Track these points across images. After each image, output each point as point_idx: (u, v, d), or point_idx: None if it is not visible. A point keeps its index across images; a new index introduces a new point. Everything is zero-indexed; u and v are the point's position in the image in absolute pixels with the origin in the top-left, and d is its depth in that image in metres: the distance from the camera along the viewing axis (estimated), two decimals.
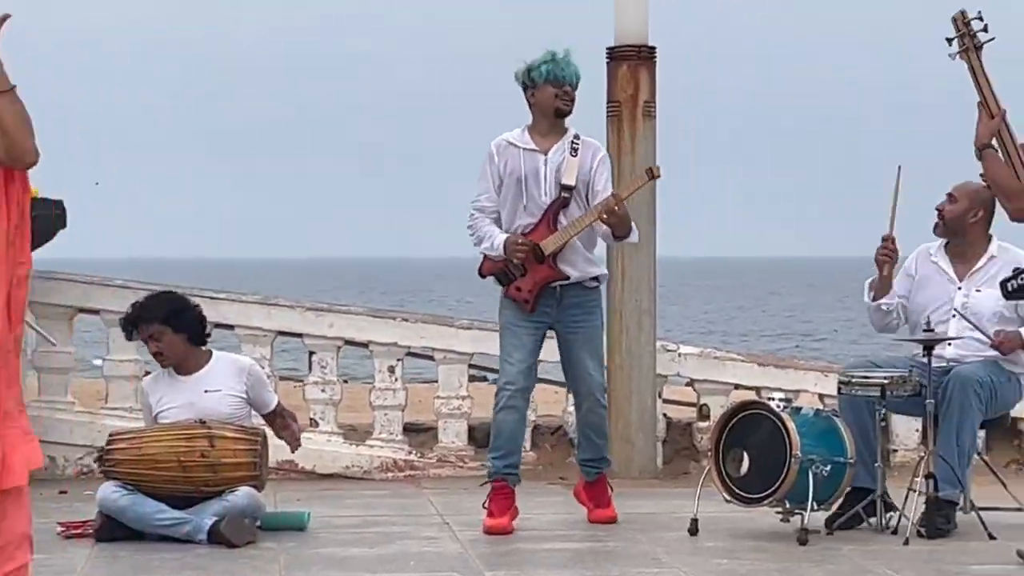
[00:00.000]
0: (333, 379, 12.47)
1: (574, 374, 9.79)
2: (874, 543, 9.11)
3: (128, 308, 9.94)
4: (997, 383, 9.49)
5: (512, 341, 9.60)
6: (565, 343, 9.70)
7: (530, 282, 9.47)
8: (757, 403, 9.56)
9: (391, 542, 9.32)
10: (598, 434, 9.83)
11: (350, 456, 12.29)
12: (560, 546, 9.24)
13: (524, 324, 9.58)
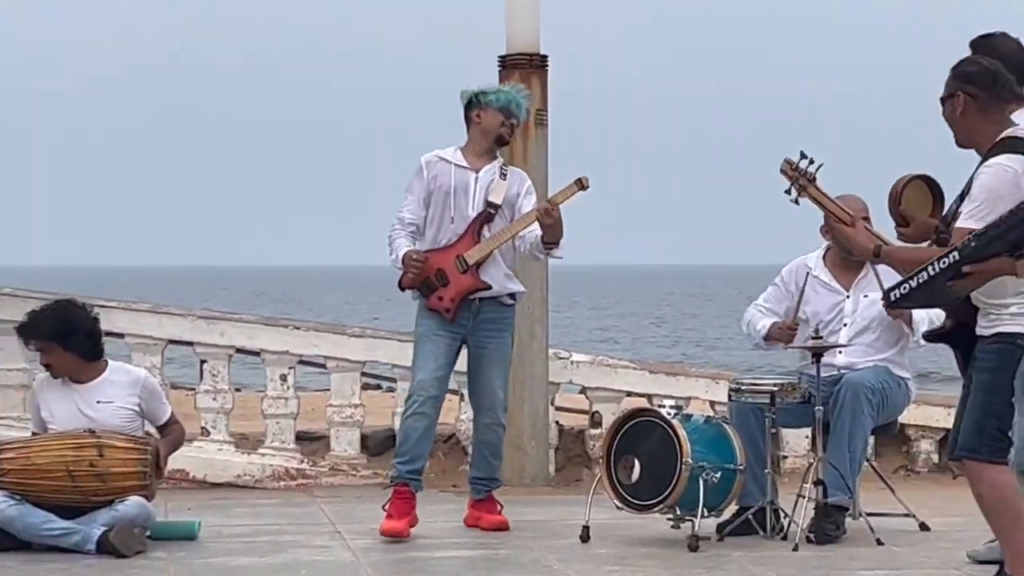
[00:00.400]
0: (225, 387, 12.44)
1: (478, 389, 9.87)
2: (764, 549, 9.17)
3: (24, 316, 9.89)
4: (888, 389, 9.60)
5: (429, 349, 9.67)
6: (475, 357, 9.78)
7: (452, 291, 9.58)
8: (648, 410, 9.59)
9: (282, 551, 9.30)
10: (493, 454, 9.92)
11: (242, 465, 12.26)
12: (452, 554, 9.25)
13: (442, 334, 9.66)
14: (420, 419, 9.61)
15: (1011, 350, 7.12)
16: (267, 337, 12.58)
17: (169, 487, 11.04)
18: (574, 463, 12.39)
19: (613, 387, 12.51)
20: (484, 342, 9.73)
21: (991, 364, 7.25)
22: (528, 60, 12.04)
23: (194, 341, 12.55)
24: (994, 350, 7.25)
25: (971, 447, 7.35)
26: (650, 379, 12.56)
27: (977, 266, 6.41)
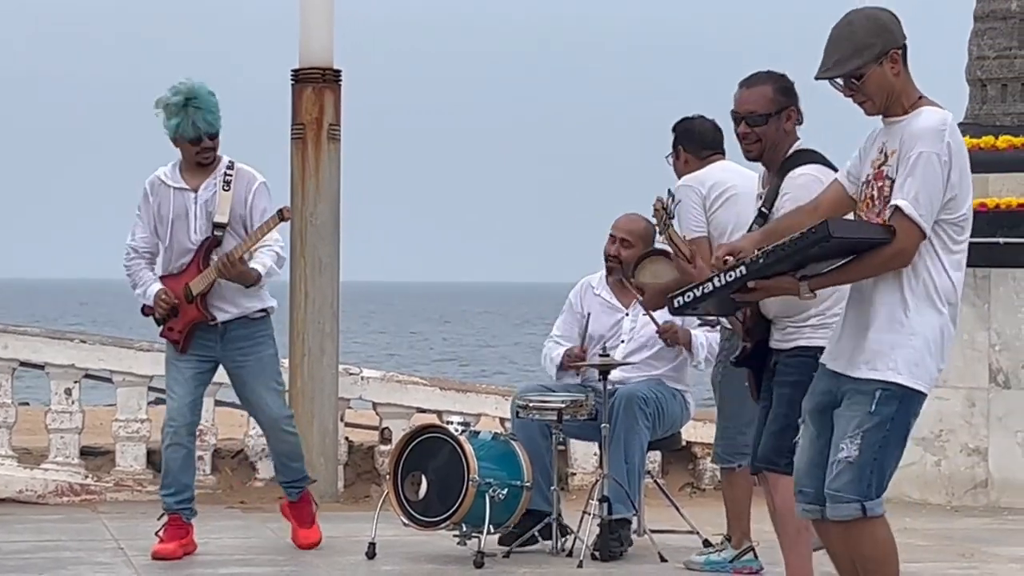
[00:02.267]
0: (8, 401, 12.27)
1: (252, 407, 9.85)
2: (548, 565, 9.23)
3: None
4: (662, 400, 9.69)
5: (175, 376, 9.53)
6: (236, 377, 9.65)
7: (181, 323, 9.40)
8: (436, 427, 9.62)
9: (63, 567, 9.20)
10: (292, 458, 9.83)
11: (24, 480, 12.10)
12: (237, 571, 9.21)
13: (184, 360, 9.51)
14: (177, 450, 9.48)
15: (811, 363, 7.23)
16: (52, 351, 12.42)
17: None
18: (363, 479, 12.38)
19: (403, 403, 12.51)
20: (240, 361, 9.55)
21: (792, 378, 7.36)
22: (321, 74, 12.04)
23: None
24: (795, 363, 7.37)
25: (769, 459, 7.48)
26: (440, 396, 12.59)
27: (762, 283, 6.50)
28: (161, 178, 9.44)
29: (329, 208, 11.70)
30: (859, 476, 6.31)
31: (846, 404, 6.39)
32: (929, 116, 6.31)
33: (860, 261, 6.32)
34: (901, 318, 6.31)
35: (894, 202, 6.25)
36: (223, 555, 9.61)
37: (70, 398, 12.27)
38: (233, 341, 9.49)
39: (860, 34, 6.42)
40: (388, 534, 9.60)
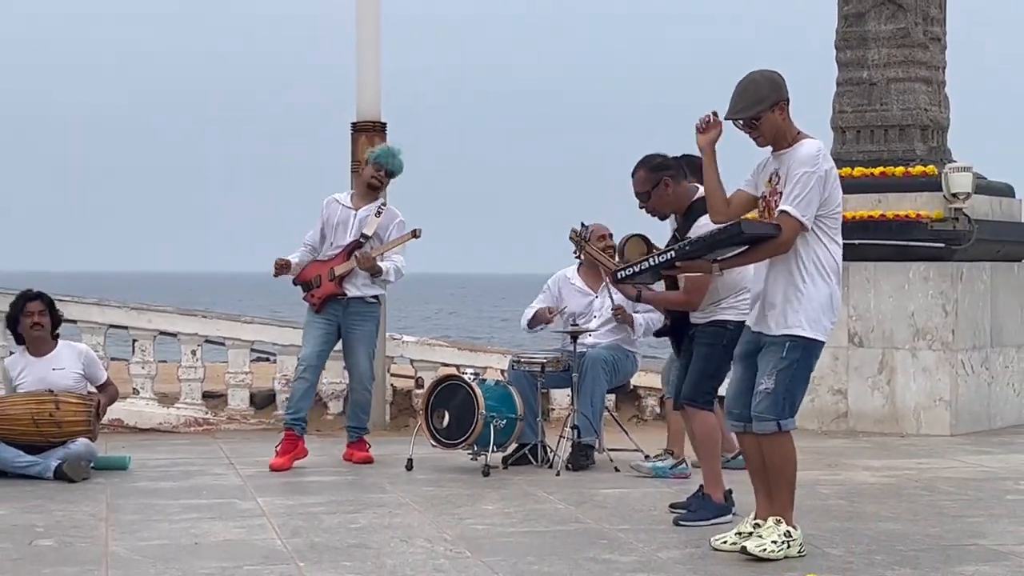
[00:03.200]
0: (151, 360, 12.32)
1: (350, 363, 9.91)
2: (536, 475, 9.25)
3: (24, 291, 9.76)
4: (618, 359, 9.75)
5: (310, 331, 9.80)
6: (346, 339, 9.82)
7: (320, 292, 9.70)
8: (455, 376, 9.64)
9: (191, 477, 9.24)
10: (363, 410, 9.93)
11: (163, 415, 12.15)
12: (314, 479, 9.22)
13: (318, 321, 9.76)
14: (303, 382, 9.71)
15: (721, 332, 7.50)
16: (182, 323, 12.46)
17: (108, 432, 10.93)
18: (403, 414, 12.39)
19: (432, 359, 12.55)
20: (352, 329, 9.76)
21: (708, 341, 7.57)
22: (372, 125, 12.06)
23: (128, 325, 12.41)
24: (710, 332, 7.57)
25: (691, 397, 7.63)
26: (458, 354, 12.64)
27: (685, 263, 6.65)
28: (337, 199, 9.89)
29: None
30: (774, 402, 6.47)
31: (764, 352, 6.57)
32: (808, 146, 6.55)
33: (757, 248, 6.51)
34: (800, 287, 6.52)
35: (782, 207, 6.45)
36: (305, 467, 9.62)
37: (195, 357, 12.30)
38: (351, 314, 9.74)
39: (760, 88, 6.59)
40: (421, 453, 9.62)
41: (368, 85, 12.11)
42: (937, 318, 11.86)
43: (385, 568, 6.28)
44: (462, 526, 7.37)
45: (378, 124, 12.09)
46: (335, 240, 9.77)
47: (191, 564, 6.37)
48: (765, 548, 6.40)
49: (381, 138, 12.05)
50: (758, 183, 6.70)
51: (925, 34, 12.65)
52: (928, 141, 12.61)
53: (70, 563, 6.41)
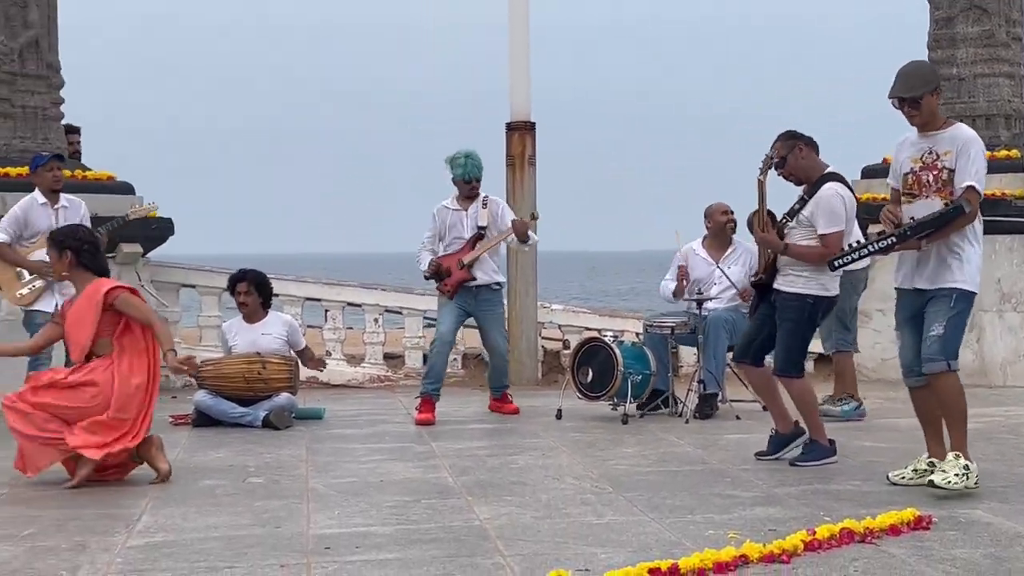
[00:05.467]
0: (340, 327, 12.52)
1: (487, 343, 9.99)
2: (667, 422, 9.23)
3: (236, 272, 9.98)
4: (736, 320, 9.64)
5: (444, 314, 9.81)
6: (480, 322, 9.87)
7: (452, 281, 9.67)
8: (597, 339, 9.64)
9: (375, 426, 9.37)
10: (502, 375, 10.02)
11: (351, 373, 12.34)
12: (477, 426, 9.31)
13: (450, 305, 9.75)
14: (440, 358, 9.68)
15: (804, 305, 7.36)
16: (366, 295, 12.64)
17: (305, 387, 11.14)
18: (553, 371, 12.42)
19: (577, 324, 12.57)
20: (483, 314, 9.79)
21: (792, 316, 7.39)
22: (523, 124, 12.11)
23: (321, 298, 12.63)
24: (794, 306, 7.38)
25: (784, 370, 7.49)
26: (599, 319, 12.65)
27: (902, 246, 6.56)
28: (445, 205, 9.82)
29: (528, 205, 11.75)
30: (944, 345, 6.42)
31: (932, 304, 6.49)
32: (967, 127, 6.69)
33: (953, 223, 6.37)
34: (964, 249, 6.47)
35: (967, 182, 6.38)
36: (469, 418, 9.72)
37: (377, 324, 12.47)
38: (481, 301, 9.75)
39: (925, 73, 6.62)
40: (568, 404, 9.66)
41: (519, 88, 12.14)
42: (1021, 284, 11.59)
43: (540, 502, 6.34)
44: (605, 466, 7.39)
45: (528, 123, 12.12)
46: (452, 238, 9.75)
47: (378, 498, 6.49)
48: (949, 480, 6.29)
49: (531, 136, 12.11)
50: (900, 166, 6.61)
51: (1008, 34, 12.53)
52: (1011, 128, 12.49)
53: (277, 497, 6.56)
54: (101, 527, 5.86)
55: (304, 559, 5.19)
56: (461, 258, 9.66)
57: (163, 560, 5.24)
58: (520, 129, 12.07)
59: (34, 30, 11.45)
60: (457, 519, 5.94)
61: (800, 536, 5.28)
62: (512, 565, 5.06)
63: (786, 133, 7.56)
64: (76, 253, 7.12)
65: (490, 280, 9.77)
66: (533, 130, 12.12)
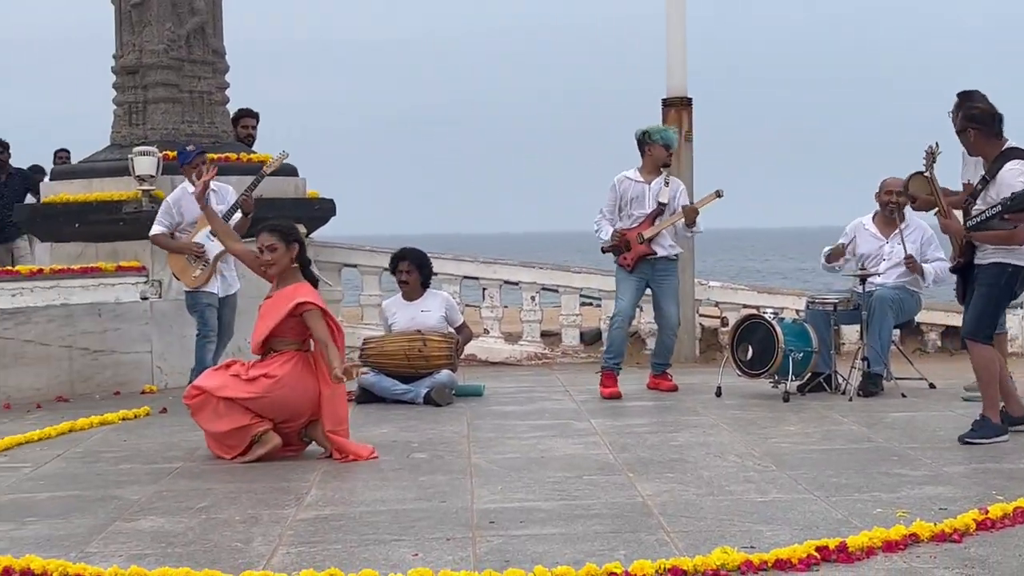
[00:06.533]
0: (497, 304, 12.61)
1: (660, 313, 9.89)
2: (830, 400, 9.09)
3: (398, 251, 10.12)
4: (903, 299, 9.49)
5: (624, 288, 9.75)
6: (655, 293, 9.81)
7: (632, 255, 9.67)
8: (757, 315, 9.54)
9: (533, 402, 9.43)
10: (668, 351, 9.95)
11: (508, 351, 12.42)
12: (636, 404, 9.29)
13: (630, 279, 9.72)
14: (621, 332, 9.70)
15: (1002, 272, 7.25)
16: (523, 273, 12.69)
17: (465, 364, 11.24)
18: (711, 348, 12.35)
19: (735, 301, 12.45)
20: (660, 283, 9.74)
21: (988, 281, 7.32)
22: (680, 101, 12.00)
23: (479, 276, 12.73)
24: (992, 272, 7.32)
25: (972, 333, 7.37)
26: (758, 296, 12.47)
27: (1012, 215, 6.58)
28: (626, 175, 9.77)
29: (686, 179, 11.62)
30: None
31: None
32: None
33: None
34: None
35: None
36: (627, 395, 9.62)
37: (534, 302, 12.52)
38: (659, 271, 9.72)
39: None
40: (728, 381, 9.59)
41: (676, 65, 12.04)
42: None
43: (702, 479, 6.31)
44: (768, 444, 7.33)
45: (685, 99, 12.02)
46: (633, 211, 9.71)
47: (540, 474, 6.53)
48: None
49: (688, 112, 12.00)
50: None
51: None
52: None
53: (441, 472, 6.66)
54: (272, 500, 6.02)
55: (469, 533, 5.27)
56: (641, 232, 9.66)
57: (332, 533, 5.36)
58: (676, 105, 11.97)
59: (200, 16, 11.76)
60: (619, 495, 5.95)
61: (972, 515, 5.18)
62: (676, 541, 5.06)
63: (965, 113, 7.36)
64: (301, 248, 7.36)
65: (668, 252, 9.76)
66: (690, 106, 12.01)
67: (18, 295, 10.18)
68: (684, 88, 12.02)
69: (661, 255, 9.70)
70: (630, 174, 9.80)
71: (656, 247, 9.68)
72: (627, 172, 9.81)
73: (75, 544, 5.25)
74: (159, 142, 11.26)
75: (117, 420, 8.82)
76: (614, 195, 9.77)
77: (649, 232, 9.65)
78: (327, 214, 12.25)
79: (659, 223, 9.66)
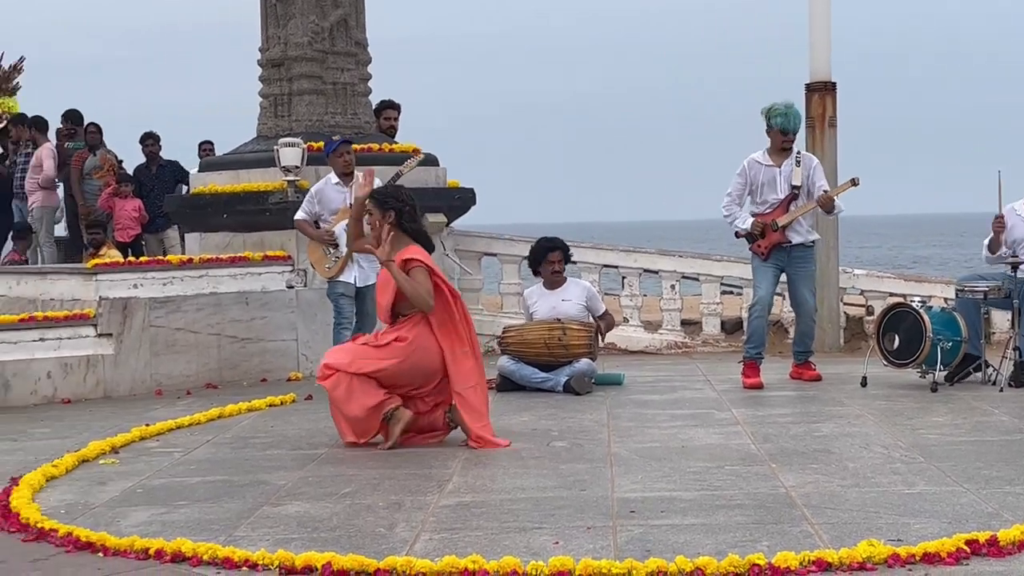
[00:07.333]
0: (637, 293, 12.57)
1: (796, 300, 9.73)
2: (980, 391, 8.89)
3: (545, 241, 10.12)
4: None
5: (760, 276, 9.62)
6: (791, 281, 9.64)
7: (767, 243, 9.51)
8: (904, 304, 9.36)
9: (674, 391, 9.38)
10: (808, 338, 9.77)
11: (648, 340, 12.39)
12: (779, 393, 9.17)
13: (765, 267, 9.58)
14: (760, 320, 9.57)
15: None
16: (663, 262, 12.63)
17: (604, 353, 11.21)
18: (856, 338, 12.14)
19: (881, 289, 12.22)
20: (796, 271, 9.57)
21: None
22: (823, 85, 11.83)
23: (618, 265, 12.70)
24: None
25: None
26: (905, 284, 12.22)
27: None
28: (755, 159, 9.57)
29: (829, 165, 11.45)
30: None
31: None
32: None
33: None
34: None
35: None
36: (769, 385, 9.49)
37: (674, 291, 12.46)
38: (795, 259, 9.55)
39: None
40: (873, 371, 9.40)
41: (819, 49, 11.86)
42: None
43: (848, 470, 6.21)
44: (915, 435, 7.18)
45: (829, 84, 11.84)
46: (765, 196, 9.52)
47: (681, 463, 6.49)
48: None
49: (832, 97, 11.81)
50: None
51: None
52: None
53: (581, 461, 6.66)
54: (414, 486, 6.09)
55: (610, 522, 5.26)
56: (775, 219, 9.50)
57: (474, 519, 5.40)
58: (820, 90, 11.79)
59: (343, 9, 11.93)
60: (762, 486, 5.89)
61: None
62: (820, 533, 4.98)
63: None
64: (398, 214, 7.34)
65: (804, 239, 9.58)
66: (834, 91, 11.83)
67: (168, 284, 10.47)
68: (828, 72, 11.85)
69: (797, 242, 9.53)
70: (759, 157, 9.59)
71: (791, 234, 9.51)
72: (755, 155, 9.60)
73: (224, 528, 5.38)
74: (303, 133, 11.47)
75: (264, 406, 9.01)
76: (743, 180, 9.57)
77: (783, 220, 9.47)
78: (467, 203, 12.34)
79: (793, 209, 9.48)
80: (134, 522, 5.54)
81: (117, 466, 6.93)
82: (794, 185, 9.49)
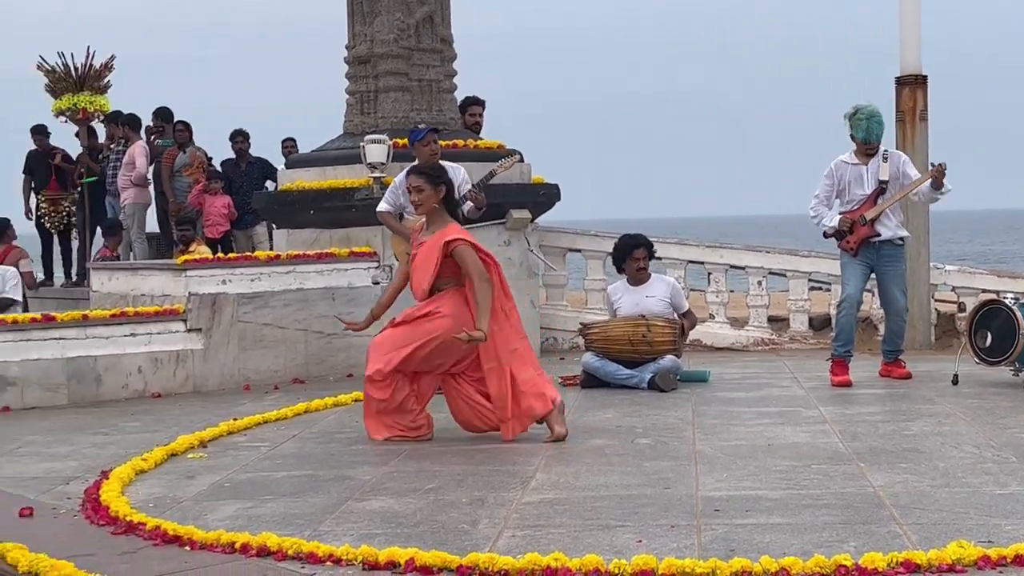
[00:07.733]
0: (723, 289, 12.48)
1: (886, 299, 9.60)
2: None
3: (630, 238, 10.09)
4: None
5: (849, 273, 9.49)
6: (881, 279, 9.52)
7: (855, 237, 9.39)
8: (997, 300, 9.20)
9: (761, 389, 9.30)
10: (898, 336, 9.63)
11: (734, 336, 12.29)
12: (867, 392, 9.04)
13: (854, 263, 9.46)
14: (849, 318, 9.46)
15: None
16: (749, 257, 12.53)
17: (689, 350, 11.16)
18: (947, 335, 11.96)
19: (972, 286, 12.01)
20: (885, 269, 9.44)
21: None
22: (914, 79, 11.65)
23: (703, 260, 12.62)
24: None
25: None
26: (997, 281, 11.99)
27: None
28: (843, 159, 9.49)
29: (920, 159, 11.27)
30: None
31: None
32: None
33: None
34: None
35: None
36: (858, 383, 9.37)
37: (761, 287, 12.35)
38: (884, 256, 9.44)
39: None
40: (965, 369, 9.25)
41: (910, 42, 11.69)
42: None
43: (937, 470, 6.10)
44: (1007, 434, 7.04)
45: (920, 77, 11.66)
46: (852, 193, 9.43)
47: (767, 462, 6.42)
48: None
49: (923, 90, 11.64)
50: None
51: None
52: None
53: (665, 458, 6.61)
54: (497, 483, 6.09)
55: (694, 520, 5.21)
56: (863, 213, 9.38)
57: (557, 516, 5.38)
58: (910, 83, 11.62)
59: (428, 6, 11.97)
60: (849, 485, 5.80)
61: None
62: (909, 534, 4.90)
63: None
64: (448, 190, 7.40)
65: (893, 235, 9.45)
66: (925, 84, 11.65)
67: (256, 280, 10.58)
68: (918, 65, 11.68)
69: (886, 237, 9.39)
70: (846, 158, 9.51)
71: (880, 228, 9.38)
72: (843, 156, 9.52)
73: (308, 523, 5.41)
74: (389, 130, 11.52)
75: (350, 402, 9.07)
76: (831, 181, 9.50)
77: (871, 213, 9.34)
78: (551, 199, 12.32)
79: (882, 202, 9.36)
80: (221, 516, 5.60)
81: (205, 460, 7.02)
82: (881, 180, 9.38)
